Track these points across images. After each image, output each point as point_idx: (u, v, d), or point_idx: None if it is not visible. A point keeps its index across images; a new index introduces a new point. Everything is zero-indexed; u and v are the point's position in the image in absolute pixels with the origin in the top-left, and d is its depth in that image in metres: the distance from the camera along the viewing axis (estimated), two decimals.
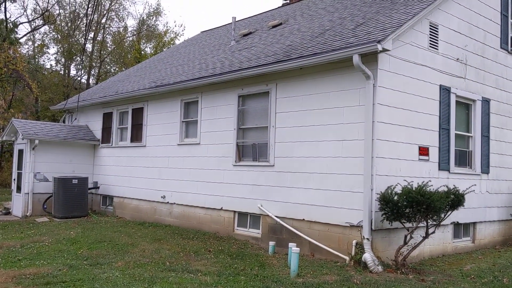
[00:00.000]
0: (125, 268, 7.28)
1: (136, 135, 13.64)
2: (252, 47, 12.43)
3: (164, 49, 35.95)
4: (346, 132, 8.31)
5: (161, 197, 12.35)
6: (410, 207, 7.31)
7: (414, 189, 7.39)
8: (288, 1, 19.47)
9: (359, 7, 11.48)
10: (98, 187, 14.75)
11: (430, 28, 8.93)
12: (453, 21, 9.49)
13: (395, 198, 7.40)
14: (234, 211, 10.45)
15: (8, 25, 25.68)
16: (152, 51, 37.11)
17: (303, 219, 8.87)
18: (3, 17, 27.05)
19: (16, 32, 25.76)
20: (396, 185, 7.68)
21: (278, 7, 19.11)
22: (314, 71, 8.95)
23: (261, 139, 9.97)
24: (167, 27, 37.96)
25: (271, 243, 9.00)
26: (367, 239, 7.69)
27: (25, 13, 34.98)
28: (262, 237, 9.70)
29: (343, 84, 8.43)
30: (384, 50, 7.66)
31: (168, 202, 12.20)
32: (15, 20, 29.96)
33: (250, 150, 10.27)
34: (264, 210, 9.60)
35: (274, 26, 14.24)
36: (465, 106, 9.91)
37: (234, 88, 10.65)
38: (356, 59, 7.72)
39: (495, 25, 10.61)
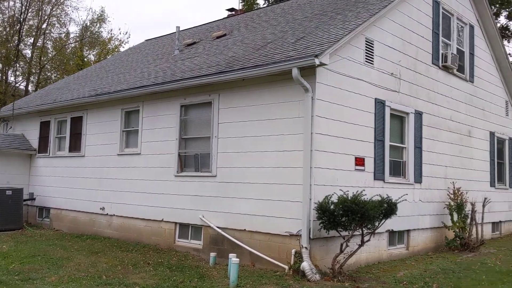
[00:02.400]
0: (58, 283, 7.02)
1: (75, 145, 13.23)
2: (195, 57, 12.44)
3: (108, 57, 35.18)
4: (286, 143, 8.47)
5: (100, 208, 12.01)
6: (346, 215, 7.54)
7: (349, 198, 7.64)
8: (233, 13, 19.68)
9: (300, 21, 11.78)
10: (34, 199, 14.14)
11: (366, 44, 9.31)
12: (387, 37, 9.94)
13: (332, 207, 7.62)
14: (175, 223, 10.34)
15: None
16: (95, 58, 36.20)
17: (245, 229, 8.92)
18: None
19: None
20: (333, 194, 7.91)
21: (223, 18, 19.27)
22: (256, 83, 9.08)
23: (204, 149, 9.96)
24: (111, 34, 37.25)
25: (212, 254, 8.97)
26: (306, 248, 7.84)
27: None
28: (203, 249, 9.65)
29: (284, 96, 8.60)
30: (322, 64, 7.90)
31: (107, 213, 11.88)
32: None
33: (193, 160, 10.23)
34: (205, 221, 9.57)
35: (218, 37, 14.32)
36: (399, 118, 10.37)
37: (176, 97, 10.60)
38: (295, 72, 7.91)
39: (427, 42, 11.21)
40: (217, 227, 9.34)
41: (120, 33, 55.12)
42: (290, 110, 8.47)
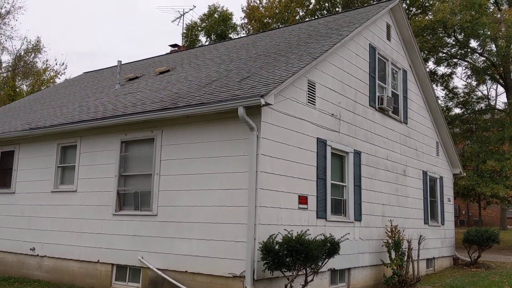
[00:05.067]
0: None
1: (5, 181, 12.40)
2: (138, 92, 12.24)
3: (43, 88, 33.89)
4: (231, 181, 8.40)
5: (30, 249, 11.23)
6: (291, 256, 7.51)
7: (294, 238, 7.64)
8: (175, 49, 19.74)
9: (245, 61, 11.98)
10: None
11: (308, 85, 9.58)
12: (328, 80, 10.29)
13: (277, 247, 7.57)
14: (112, 264, 9.85)
15: None
16: (28, 89, 34.75)
17: (186, 271, 8.64)
18: None
19: None
20: (278, 234, 7.88)
21: (166, 53, 19.29)
22: (201, 120, 9.03)
23: (145, 187, 9.66)
24: (47, 64, 35.86)
25: None
26: None
27: None
28: None
29: (229, 134, 8.59)
30: (267, 104, 8.01)
31: (38, 254, 11.13)
32: None
33: (132, 198, 9.88)
34: (144, 262, 9.18)
35: (161, 73, 14.24)
36: (339, 157, 10.65)
37: (117, 133, 10.29)
38: (241, 111, 7.95)
39: (364, 84, 11.73)
40: (157, 268, 8.99)
41: (56, 64, 53.26)
42: (235, 148, 8.46)
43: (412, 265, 11.46)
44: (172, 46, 20.11)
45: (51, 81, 35.44)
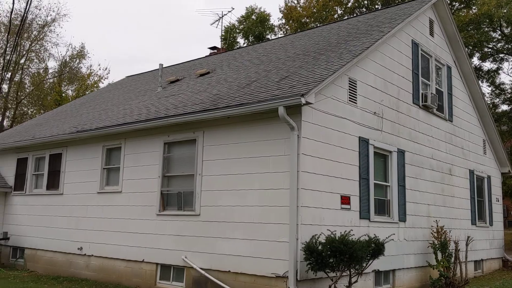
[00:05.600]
0: None
1: (53, 183, 12.87)
2: (179, 94, 12.42)
3: (87, 92, 34.98)
4: (272, 181, 8.38)
5: (78, 248, 11.60)
6: (334, 256, 7.42)
7: (337, 238, 7.55)
8: (215, 51, 19.92)
9: (283, 61, 11.95)
10: (8, 238, 13.60)
11: (349, 83, 9.45)
12: (369, 77, 10.12)
13: (320, 247, 7.49)
14: (157, 264, 10.02)
15: None
16: (74, 94, 35.95)
17: (229, 271, 8.69)
18: None
19: None
20: (320, 234, 7.80)
21: (206, 56, 19.48)
22: (241, 120, 9.06)
23: (187, 188, 9.79)
24: (90, 70, 36.99)
25: None
26: None
27: None
28: None
29: (269, 134, 8.58)
30: (308, 103, 7.95)
31: (85, 254, 11.47)
32: None
33: (175, 198, 10.03)
34: (188, 262, 9.30)
35: (201, 75, 14.40)
36: (382, 156, 10.44)
37: (159, 135, 10.48)
38: (281, 111, 7.93)
39: (407, 82, 11.45)
40: (200, 268, 9.08)
41: (99, 69, 55.00)
42: (276, 148, 8.44)
43: (459, 267, 11.10)
44: (211, 48, 20.31)
45: (95, 85, 36.53)
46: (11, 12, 10.86)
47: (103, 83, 36.73)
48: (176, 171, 10.17)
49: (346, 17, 25.53)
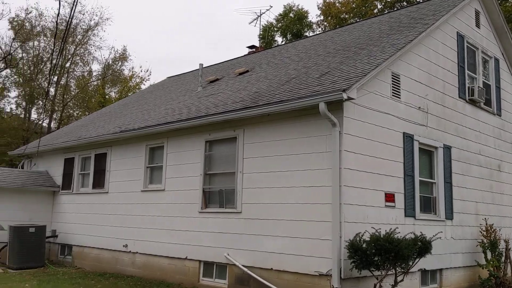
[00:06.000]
0: None
1: (99, 181, 13.23)
2: (219, 93, 12.50)
3: (129, 94, 35.82)
4: (313, 178, 8.29)
5: (123, 246, 11.87)
6: (379, 255, 7.27)
7: (382, 236, 7.39)
8: (253, 50, 19.94)
9: (323, 57, 11.81)
10: (57, 236, 14.09)
11: (392, 78, 9.22)
12: (413, 71, 9.84)
13: (364, 246, 7.35)
14: (200, 261, 10.12)
15: None
16: (116, 96, 36.89)
17: (272, 269, 8.66)
18: None
19: None
20: (365, 232, 7.65)
21: (244, 55, 19.52)
22: (282, 118, 9.01)
23: (228, 185, 9.83)
24: (132, 72, 37.86)
25: None
26: None
27: None
28: None
29: (310, 131, 8.49)
30: (349, 98, 7.81)
31: (130, 251, 11.72)
32: None
33: (217, 196, 10.09)
34: (230, 259, 9.33)
35: (240, 73, 14.44)
36: (427, 153, 10.14)
37: (201, 133, 10.57)
38: (322, 107, 7.83)
39: (453, 75, 11.08)
40: (243, 265, 9.09)
41: (141, 71, 56.09)
42: (317, 145, 8.34)
43: (510, 267, 10.65)
44: (249, 47, 20.34)
45: (137, 87, 37.37)
46: (57, 16, 11.14)
47: (144, 84, 37.55)
48: (217, 169, 10.23)
49: (386, 11, 25.00)
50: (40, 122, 36.03)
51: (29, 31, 33.21)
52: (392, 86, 9.21)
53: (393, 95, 9.19)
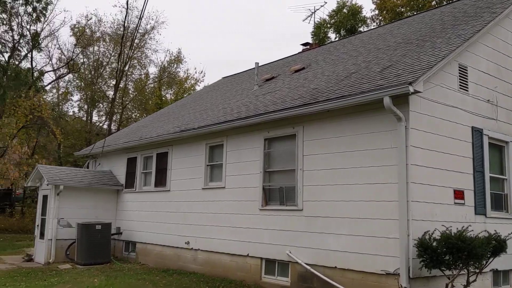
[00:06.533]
0: None
1: (160, 180, 13.58)
2: (276, 91, 12.48)
3: (185, 95, 36.54)
4: (378, 175, 8.09)
5: (185, 243, 12.10)
6: (450, 253, 6.98)
7: (453, 234, 7.09)
8: (307, 47, 19.76)
9: (383, 50, 11.51)
10: (121, 233, 14.58)
11: (459, 70, 8.85)
12: (481, 63, 9.40)
13: (434, 244, 7.08)
14: (261, 258, 10.13)
15: (34, 73, 26.47)
16: (172, 97, 37.75)
17: (335, 267, 8.53)
18: (29, 66, 27.95)
19: (42, 80, 26.50)
20: (435, 230, 7.37)
21: (298, 53, 19.38)
22: (342, 113, 8.85)
23: (289, 183, 9.78)
24: (187, 73, 38.58)
25: None
26: (405, 287, 7.32)
27: (50, 62, 36.02)
28: (291, 286, 9.33)
29: (373, 126, 8.29)
30: (416, 92, 7.55)
31: (192, 248, 11.94)
32: (41, 69, 30.97)
33: (277, 193, 10.06)
34: (293, 257, 9.28)
35: (296, 71, 14.34)
36: (497, 148, 9.65)
37: (259, 131, 10.59)
38: (387, 101, 7.61)
39: None
40: (306, 263, 9.02)
41: (195, 72, 57.20)
42: (381, 141, 8.12)
43: None
44: (303, 45, 20.17)
45: (192, 88, 38.06)
46: (124, 23, 11.52)
47: (199, 85, 38.19)
48: (277, 166, 10.21)
49: (446, 2, 24.05)
50: (101, 124, 37.55)
51: (89, 37, 34.62)
52: (459, 78, 8.83)
53: (460, 88, 8.81)
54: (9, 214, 27.57)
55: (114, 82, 35.92)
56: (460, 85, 8.80)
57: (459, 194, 8.41)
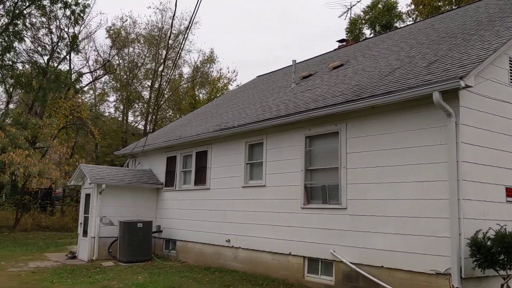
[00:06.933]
0: None
1: (200, 178, 13.66)
2: (315, 88, 12.35)
3: (218, 95, 36.74)
4: (426, 172, 7.88)
5: (226, 241, 12.13)
6: (505, 253, 6.74)
7: (508, 233, 6.84)
8: (344, 44, 19.52)
9: (427, 45, 11.23)
10: (161, 231, 14.76)
11: (510, 64, 8.54)
12: None
13: (488, 243, 6.85)
14: (304, 257, 10.05)
15: (73, 75, 27.11)
16: (205, 97, 38.02)
17: (382, 266, 8.36)
18: (68, 67, 28.67)
19: (80, 81, 27.13)
20: (489, 229, 7.13)
21: (334, 50, 19.17)
22: (387, 110, 8.68)
23: (331, 181, 9.65)
24: (220, 73, 38.77)
25: None
26: None
27: (87, 64, 36.86)
28: (335, 285, 9.22)
29: (421, 123, 8.08)
30: (467, 86, 7.32)
31: (233, 246, 11.96)
32: (79, 70, 31.72)
33: (319, 192, 9.96)
34: (337, 256, 9.16)
35: (335, 67, 14.18)
36: None
37: (300, 129, 10.50)
38: (436, 96, 7.41)
39: None
40: (351, 262, 8.89)
41: (228, 72, 57.54)
42: (430, 137, 7.91)
43: None
44: (339, 41, 19.93)
45: (224, 88, 38.24)
46: (171, 28, 11.61)
47: (231, 85, 38.34)
48: (319, 164, 10.10)
49: None
50: (136, 125, 38.18)
51: (124, 38, 35.24)
52: (510, 72, 8.52)
53: (511, 82, 8.49)
54: (50, 212, 28.37)
55: (149, 83, 36.49)
56: (511, 79, 8.49)
57: (511, 192, 8.11)
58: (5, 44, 22.85)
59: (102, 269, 12.10)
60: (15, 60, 23.76)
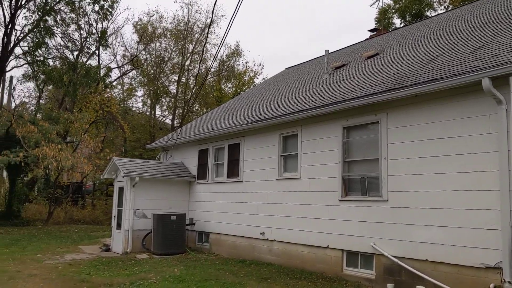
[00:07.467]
0: None
1: (233, 171, 13.56)
2: (350, 78, 12.07)
3: (244, 88, 36.62)
4: (474, 162, 7.56)
5: (260, 233, 12.00)
6: None
7: None
8: (375, 33, 19.09)
9: (468, 31, 10.82)
10: (194, 224, 14.74)
11: None
12: None
13: None
14: (342, 250, 9.84)
15: (102, 70, 27.35)
16: (231, 91, 37.96)
17: (426, 260, 8.09)
18: (97, 63, 28.95)
19: (110, 76, 27.36)
20: None
21: (367, 39, 18.76)
22: (430, 98, 8.36)
23: (371, 172, 9.40)
24: (246, 66, 38.60)
25: (389, 286, 8.27)
26: (509, 282, 6.79)
27: (114, 59, 37.19)
28: (376, 279, 8.98)
29: (468, 111, 7.75)
30: None
31: (267, 239, 11.82)
32: (108, 65, 32.02)
33: (358, 184, 9.71)
34: (378, 249, 8.92)
35: (369, 57, 13.84)
36: None
37: (337, 120, 10.26)
38: (486, 82, 7.08)
39: None
40: (392, 256, 8.63)
41: (254, 65, 57.31)
42: (478, 126, 7.58)
43: None
44: (371, 31, 19.51)
45: (251, 81, 38.09)
46: (208, 28, 11.49)
47: (257, 78, 38.15)
48: (357, 155, 9.84)
49: None
50: (163, 119, 38.39)
51: (151, 33, 35.38)
52: None
53: None
54: (81, 206, 28.82)
55: (176, 77, 36.58)
56: None
57: None
58: (37, 40, 23.19)
59: (137, 262, 12.14)
60: (46, 56, 24.11)
